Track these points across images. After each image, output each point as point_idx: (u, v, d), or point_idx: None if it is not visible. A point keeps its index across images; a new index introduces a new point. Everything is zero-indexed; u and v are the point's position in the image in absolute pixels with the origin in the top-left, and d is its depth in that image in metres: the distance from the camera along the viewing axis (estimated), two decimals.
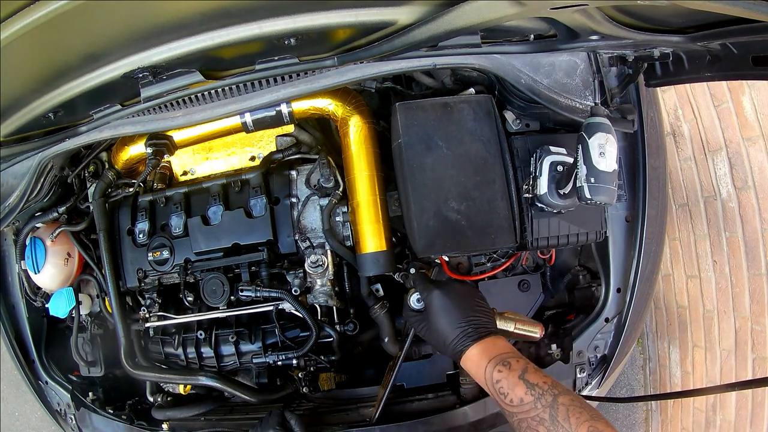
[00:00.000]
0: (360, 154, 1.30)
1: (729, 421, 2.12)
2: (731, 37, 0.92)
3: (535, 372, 0.83)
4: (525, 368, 0.84)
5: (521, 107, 1.28)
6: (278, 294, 1.31)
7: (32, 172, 1.35)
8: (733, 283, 2.05)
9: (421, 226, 1.19)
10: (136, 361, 1.40)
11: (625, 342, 1.35)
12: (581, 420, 0.73)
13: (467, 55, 1.12)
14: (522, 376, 0.82)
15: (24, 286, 1.57)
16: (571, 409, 0.75)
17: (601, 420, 0.74)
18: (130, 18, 0.80)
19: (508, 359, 0.86)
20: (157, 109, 1.18)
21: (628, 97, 1.29)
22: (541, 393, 0.79)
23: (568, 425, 0.74)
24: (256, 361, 1.37)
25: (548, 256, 1.44)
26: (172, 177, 1.57)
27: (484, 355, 0.89)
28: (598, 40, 1.06)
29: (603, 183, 0.95)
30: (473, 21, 0.88)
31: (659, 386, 2.63)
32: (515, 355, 0.87)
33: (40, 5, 0.69)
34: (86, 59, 0.91)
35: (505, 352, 0.88)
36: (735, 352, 2.07)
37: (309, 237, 1.36)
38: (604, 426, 0.73)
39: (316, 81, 1.13)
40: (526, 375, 0.82)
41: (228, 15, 0.85)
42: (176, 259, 1.39)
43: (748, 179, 1.93)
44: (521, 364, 0.84)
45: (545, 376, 0.82)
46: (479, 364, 0.89)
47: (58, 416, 1.58)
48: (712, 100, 2.05)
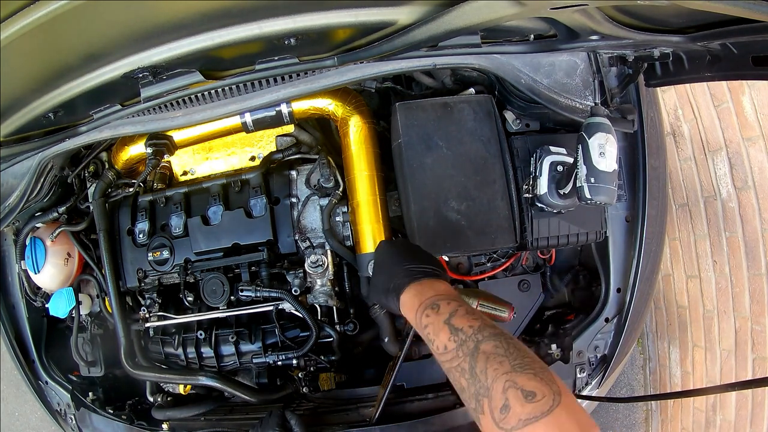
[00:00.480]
0: (360, 154, 1.30)
1: (729, 421, 2.12)
2: (731, 37, 0.92)
3: (465, 315, 0.70)
4: (454, 311, 0.72)
5: (521, 107, 1.28)
6: (278, 294, 1.31)
7: (32, 172, 1.35)
8: (733, 283, 2.05)
9: (421, 226, 1.19)
10: (136, 361, 1.40)
11: (625, 342, 1.35)
12: (499, 373, 0.60)
13: (467, 55, 1.12)
14: (448, 320, 0.70)
15: (24, 286, 1.57)
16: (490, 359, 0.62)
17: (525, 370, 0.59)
18: (130, 18, 0.80)
19: (438, 302, 0.74)
20: (157, 109, 1.18)
21: (628, 97, 1.29)
22: (464, 339, 0.67)
23: (485, 378, 0.60)
24: (256, 361, 1.37)
25: (548, 256, 1.44)
26: (172, 177, 1.57)
27: (417, 299, 0.78)
28: (598, 40, 1.06)
29: (603, 183, 0.95)
30: (473, 21, 0.88)
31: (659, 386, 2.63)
32: (448, 298, 0.75)
33: (40, 5, 0.69)
34: (86, 59, 0.91)
35: (437, 294, 0.76)
36: (735, 352, 2.07)
37: (309, 237, 1.36)
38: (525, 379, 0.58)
39: (316, 81, 1.13)
40: (453, 319, 0.70)
41: (228, 15, 0.85)
42: (176, 259, 1.39)
43: (748, 179, 1.93)
44: (451, 307, 0.72)
45: (474, 319, 0.69)
46: (412, 307, 0.78)
47: (58, 416, 1.58)
48: (712, 100, 2.05)
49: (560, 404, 0.55)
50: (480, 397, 0.60)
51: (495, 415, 0.57)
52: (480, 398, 0.60)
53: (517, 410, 0.55)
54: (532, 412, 0.55)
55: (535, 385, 0.57)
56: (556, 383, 0.59)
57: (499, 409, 0.57)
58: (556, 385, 0.59)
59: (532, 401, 0.55)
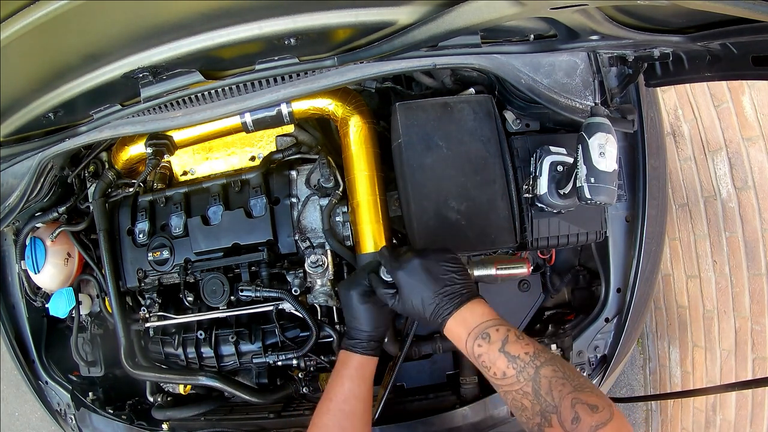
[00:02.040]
0: (360, 154, 1.30)
1: (729, 421, 2.12)
2: (731, 37, 0.92)
3: (516, 341, 0.79)
4: (505, 338, 0.79)
5: (521, 107, 1.28)
6: (278, 294, 1.31)
7: (32, 172, 1.35)
8: (733, 283, 2.05)
9: (421, 226, 1.19)
10: (136, 361, 1.40)
11: (625, 342, 1.35)
12: (564, 393, 0.71)
13: (467, 55, 1.12)
14: (502, 348, 0.78)
15: (24, 286, 1.57)
16: (553, 382, 0.72)
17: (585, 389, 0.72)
18: (130, 18, 0.80)
19: (487, 330, 0.82)
20: (157, 109, 1.18)
21: (628, 97, 1.29)
22: (523, 366, 0.76)
23: (551, 399, 0.71)
24: (256, 361, 1.37)
25: (548, 256, 1.44)
26: (172, 177, 1.57)
27: (463, 328, 0.85)
28: (598, 40, 1.06)
29: (603, 183, 0.95)
30: (473, 21, 0.88)
31: (659, 386, 2.63)
32: (495, 323, 0.83)
33: (40, 5, 0.69)
34: (86, 59, 0.91)
35: (483, 321, 0.83)
36: (735, 352, 2.07)
37: (309, 237, 1.37)
38: (587, 396, 0.71)
39: (316, 81, 1.13)
40: (506, 347, 0.78)
41: (228, 15, 0.85)
42: (176, 259, 1.39)
43: (748, 179, 1.93)
44: (501, 334, 0.80)
45: (527, 344, 0.78)
46: (460, 337, 0.86)
47: (58, 416, 1.58)
48: (712, 100, 2.05)
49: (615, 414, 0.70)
50: (547, 414, 0.71)
51: (567, 426, 0.69)
52: (547, 415, 0.71)
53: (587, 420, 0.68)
54: (599, 420, 0.68)
55: (596, 399, 0.71)
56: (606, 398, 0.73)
57: (570, 421, 0.69)
58: (608, 399, 0.73)
59: (597, 412, 0.69)
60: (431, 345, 1.35)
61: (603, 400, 0.71)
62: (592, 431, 0.67)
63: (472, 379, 1.34)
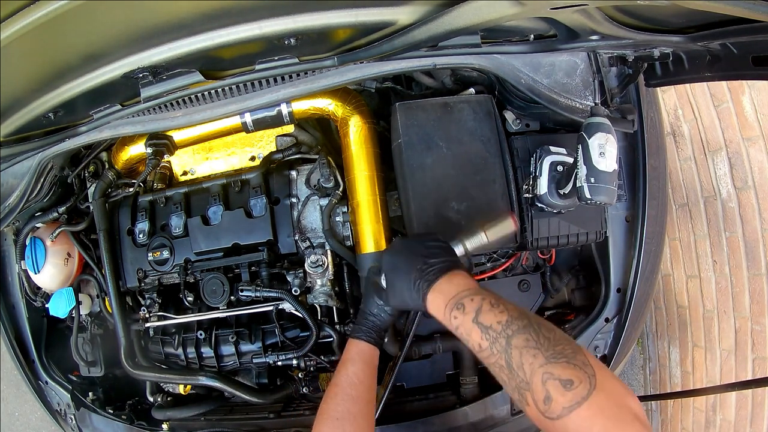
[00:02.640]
0: (360, 154, 1.30)
1: (729, 421, 2.12)
2: (731, 37, 0.92)
3: (490, 310, 0.73)
4: (479, 308, 0.74)
5: (521, 107, 1.28)
6: (278, 294, 1.31)
7: (32, 172, 1.35)
8: (733, 283, 2.05)
9: (421, 226, 1.18)
10: (136, 361, 1.40)
11: (625, 342, 1.35)
12: (535, 366, 0.63)
13: (467, 55, 1.12)
14: (475, 318, 0.73)
15: (24, 286, 1.57)
16: (524, 353, 0.64)
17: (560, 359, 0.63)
18: (130, 18, 0.80)
19: (462, 300, 0.76)
20: (157, 109, 1.18)
21: (628, 97, 1.29)
22: (495, 337, 0.69)
23: (523, 374, 0.63)
24: (256, 361, 1.37)
25: (548, 256, 1.44)
26: (172, 177, 1.57)
27: (441, 300, 0.80)
28: (598, 40, 1.06)
29: (603, 183, 0.95)
30: (473, 21, 0.88)
31: (659, 386, 2.63)
32: (470, 293, 0.77)
33: (40, 5, 0.69)
34: (86, 59, 0.91)
35: (460, 291, 0.78)
36: (735, 352, 2.07)
37: (309, 237, 1.37)
38: (562, 368, 0.61)
39: (316, 81, 1.13)
40: (480, 317, 0.72)
41: (228, 15, 0.85)
42: (176, 259, 1.39)
43: (748, 179, 1.93)
44: (475, 304, 0.75)
45: (500, 312, 0.72)
46: (439, 310, 0.80)
47: (58, 416, 1.58)
48: (712, 100, 2.05)
49: (596, 386, 0.59)
50: (522, 391, 0.63)
51: (540, 406, 0.61)
52: (522, 391, 0.63)
53: (559, 400, 0.59)
54: (573, 398, 0.58)
55: (571, 372, 0.61)
56: (589, 365, 0.62)
57: (542, 401, 0.60)
58: (590, 367, 0.62)
59: (572, 389, 0.59)
60: (431, 345, 1.35)
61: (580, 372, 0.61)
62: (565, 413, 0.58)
63: (472, 379, 1.34)
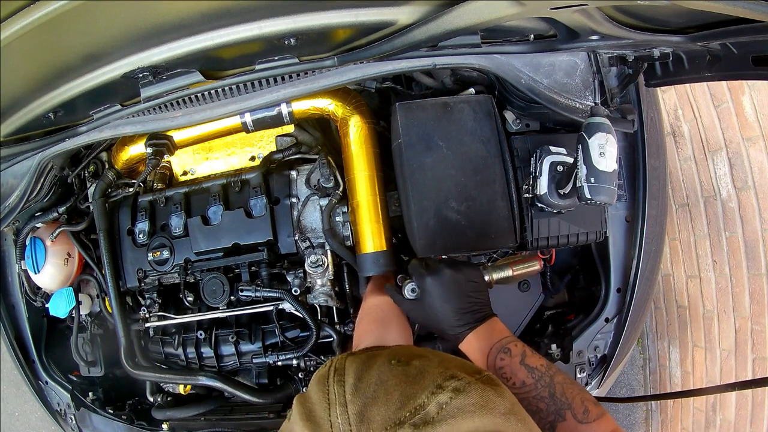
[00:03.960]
0: (360, 154, 1.30)
1: (729, 421, 2.12)
2: (731, 37, 0.92)
3: (532, 355, 0.91)
4: (523, 353, 0.91)
5: (521, 107, 1.28)
6: (278, 294, 1.31)
7: (32, 172, 1.35)
8: (733, 283, 2.05)
9: (421, 226, 1.19)
10: (136, 361, 1.40)
11: (625, 342, 1.35)
12: (574, 393, 0.86)
13: (467, 55, 1.12)
14: (522, 361, 0.90)
15: (24, 286, 1.57)
16: (565, 386, 0.87)
17: (586, 392, 0.88)
18: (130, 18, 0.80)
19: (507, 345, 0.92)
20: (157, 109, 1.18)
21: (628, 97, 1.29)
22: (540, 375, 0.88)
23: (565, 399, 0.85)
24: (256, 361, 1.37)
25: (548, 256, 1.44)
26: (172, 177, 1.57)
27: (483, 342, 0.94)
28: (598, 40, 1.06)
29: (603, 183, 0.95)
30: (473, 21, 0.88)
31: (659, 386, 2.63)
32: (512, 339, 0.94)
33: (40, 5, 0.69)
34: (86, 59, 0.91)
35: (503, 338, 0.93)
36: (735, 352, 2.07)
37: (309, 237, 1.36)
38: (589, 396, 0.87)
39: (316, 81, 1.13)
40: (526, 360, 0.90)
41: (228, 15, 0.85)
42: (176, 259, 1.39)
43: (748, 179, 1.93)
44: (519, 349, 0.91)
45: (540, 358, 0.91)
46: (480, 350, 0.94)
47: (58, 416, 1.59)
48: (712, 100, 2.05)
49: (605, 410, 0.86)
50: (562, 411, 0.84)
51: (579, 416, 0.83)
52: (562, 412, 0.84)
53: (593, 410, 0.84)
54: (601, 411, 0.84)
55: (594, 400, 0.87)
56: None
57: (582, 413, 0.84)
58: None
59: (598, 406, 0.85)
60: (431, 345, 1.35)
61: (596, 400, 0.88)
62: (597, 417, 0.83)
63: None
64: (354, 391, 0.56)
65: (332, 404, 0.56)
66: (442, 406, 0.52)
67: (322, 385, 0.60)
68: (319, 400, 0.58)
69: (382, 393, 0.55)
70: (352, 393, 0.56)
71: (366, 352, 0.65)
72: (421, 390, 0.54)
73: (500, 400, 0.55)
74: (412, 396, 0.53)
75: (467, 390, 0.54)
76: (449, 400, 0.53)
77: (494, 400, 0.54)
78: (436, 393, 0.53)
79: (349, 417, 0.54)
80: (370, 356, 0.63)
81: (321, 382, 0.61)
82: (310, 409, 0.58)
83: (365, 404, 0.54)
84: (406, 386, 0.55)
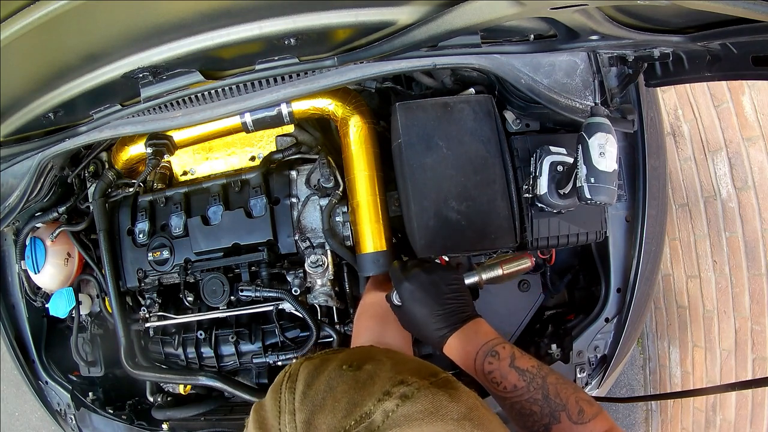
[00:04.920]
0: (360, 154, 1.30)
1: (729, 421, 2.12)
2: (731, 37, 0.92)
3: (521, 357, 0.87)
4: (512, 355, 0.87)
5: (521, 107, 1.28)
6: (278, 294, 1.31)
7: (32, 172, 1.35)
8: (733, 283, 2.05)
9: (421, 226, 1.18)
10: (136, 361, 1.40)
11: (625, 342, 1.35)
12: (569, 393, 0.82)
13: (467, 55, 1.12)
14: (512, 364, 0.86)
15: (24, 286, 1.57)
16: (558, 386, 0.83)
17: (580, 390, 0.85)
18: (130, 18, 0.80)
19: (495, 348, 0.88)
20: (157, 109, 1.18)
21: (628, 97, 1.29)
22: (532, 377, 0.84)
23: (559, 400, 0.82)
24: (256, 361, 1.37)
25: (548, 256, 1.44)
26: (172, 177, 1.57)
27: (469, 346, 0.90)
28: (598, 40, 1.06)
29: (603, 183, 0.95)
30: (473, 21, 0.88)
31: (659, 386, 2.63)
32: (499, 341, 0.89)
33: (40, 5, 0.69)
34: (86, 59, 0.91)
35: (489, 340, 0.89)
36: (735, 352, 2.07)
37: (309, 237, 1.37)
38: (584, 395, 0.84)
39: (316, 81, 1.13)
40: (516, 362, 0.86)
41: (228, 15, 0.85)
42: (176, 259, 1.39)
43: (748, 179, 1.93)
44: (508, 352, 0.87)
45: (530, 359, 0.87)
46: (465, 354, 0.91)
47: (58, 416, 1.59)
48: (712, 100, 2.05)
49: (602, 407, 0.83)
50: (556, 413, 0.81)
51: (574, 418, 0.80)
52: (556, 413, 0.81)
53: (588, 410, 0.81)
54: (596, 410, 0.81)
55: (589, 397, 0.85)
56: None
57: (576, 414, 0.81)
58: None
59: (593, 405, 0.82)
60: None
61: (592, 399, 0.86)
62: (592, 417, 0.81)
63: (472, 379, 1.33)
64: (303, 398, 0.54)
65: (282, 412, 0.54)
66: (388, 414, 0.50)
67: (275, 392, 0.58)
68: (272, 407, 0.56)
69: (330, 400, 0.53)
70: (300, 400, 0.54)
71: (321, 356, 0.62)
72: (369, 397, 0.52)
73: (453, 405, 0.52)
74: (359, 403, 0.51)
75: (416, 396, 0.52)
76: (396, 408, 0.50)
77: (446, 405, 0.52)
78: (382, 400, 0.51)
79: (296, 425, 0.52)
80: (324, 360, 0.60)
81: (275, 389, 0.59)
82: (263, 417, 0.56)
83: (313, 412, 0.52)
84: (354, 393, 0.53)
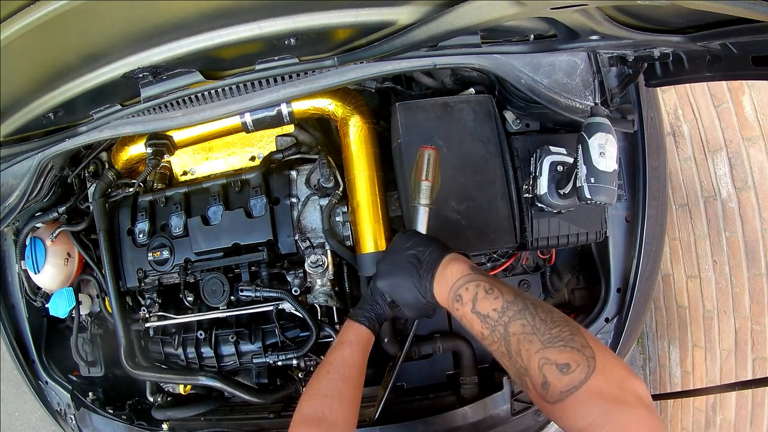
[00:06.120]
0: (360, 154, 1.30)
1: (729, 421, 2.12)
2: (731, 37, 0.92)
3: (485, 298, 0.73)
4: (474, 297, 0.74)
5: (521, 107, 1.28)
6: (278, 294, 1.31)
7: (32, 172, 1.35)
8: (733, 283, 2.05)
9: None
10: (136, 361, 1.40)
11: (625, 342, 1.35)
12: (531, 352, 0.64)
13: (467, 55, 1.12)
14: (473, 308, 0.73)
15: (24, 286, 1.57)
16: (521, 339, 0.65)
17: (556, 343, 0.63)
18: (130, 18, 0.80)
19: (458, 291, 0.77)
20: (157, 109, 1.18)
21: (628, 97, 1.29)
22: (494, 325, 0.70)
23: (521, 360, 0.64)
24: (256, 361, 1.37)
25: (548, 256, 1.44)
26: (172, 177, 1.57)
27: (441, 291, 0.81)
28: (598, 40, 1.06)
29: (603, 183, 0.95)
30: (473, 21, 0.88)
31: (659, 386, 2.63)
32: (465, 281, 0.77)
33: (40, 5, 0.69)
34: (86, 59, 0.91)
35: (456, 281, 0.78)
36: (735, 352, 2.07)
37: (309, 237, 1.36)
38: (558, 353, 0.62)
39: (316, 81, 1.13)
40: (477, 306, 0.73)
41: (228, 15, 0.85)
42: (176, 259, 1.39)
43: (748, 179, 1.93)
44: (470, 293, 0.75)
45: (495, 299, 0.72)
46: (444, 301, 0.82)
47: (58, 416, 1.58)
48: (712, 100, 2.05)
49: (595, 369, 0.58)
50: (522, 377, 0.64)
51: (539, 391, 0.61)
52: (522, 377, 0.64)
53: (556, 384, 0.59)
54: (570, 383, 0.58)
55: (568, 356, 0.60)
56: (589, 347, 0.61)
57: (540, 386, 0.61)
58: (590, 349, 0.61)
59: (568, 373, 0.59)
60: (431, 345, 1.35)
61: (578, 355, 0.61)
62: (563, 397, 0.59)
63: (472, 379, 1.34)
64: None
65: None
66: None
67: None
68: None
69: None
70: None
71: None
72: None
73: None
74: None
75: None
76: None
77: None
78: None
79: None
80: None
81: None
82: None
83: None
84: None
